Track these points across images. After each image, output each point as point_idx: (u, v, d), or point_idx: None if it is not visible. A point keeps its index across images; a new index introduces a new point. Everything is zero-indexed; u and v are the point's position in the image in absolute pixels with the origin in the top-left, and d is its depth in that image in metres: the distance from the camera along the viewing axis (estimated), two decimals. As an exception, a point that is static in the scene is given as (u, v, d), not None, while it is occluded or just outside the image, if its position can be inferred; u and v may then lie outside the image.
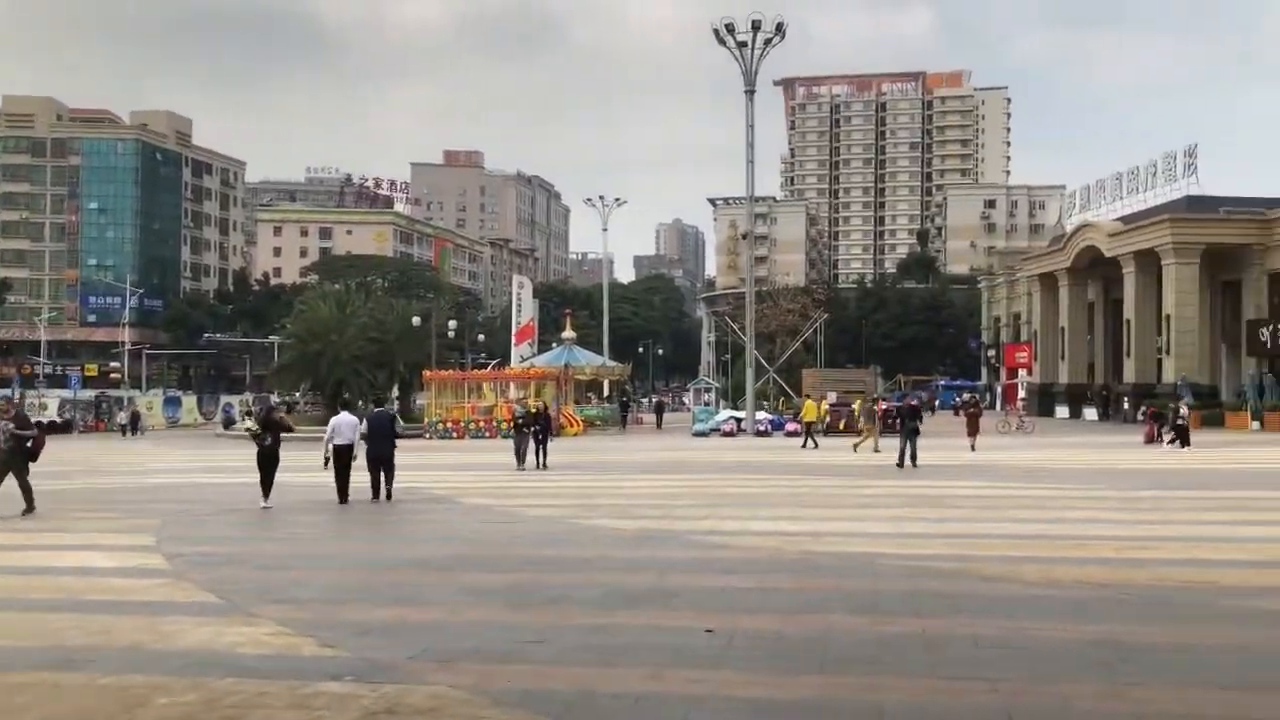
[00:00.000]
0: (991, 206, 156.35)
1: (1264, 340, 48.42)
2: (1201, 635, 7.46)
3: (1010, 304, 73.98)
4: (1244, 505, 15.55)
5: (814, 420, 34.96)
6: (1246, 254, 49.23)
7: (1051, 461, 25.98)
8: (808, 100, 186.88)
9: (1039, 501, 16.49)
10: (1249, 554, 10.97)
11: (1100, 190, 58.44)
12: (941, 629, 7.72)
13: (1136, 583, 9.43)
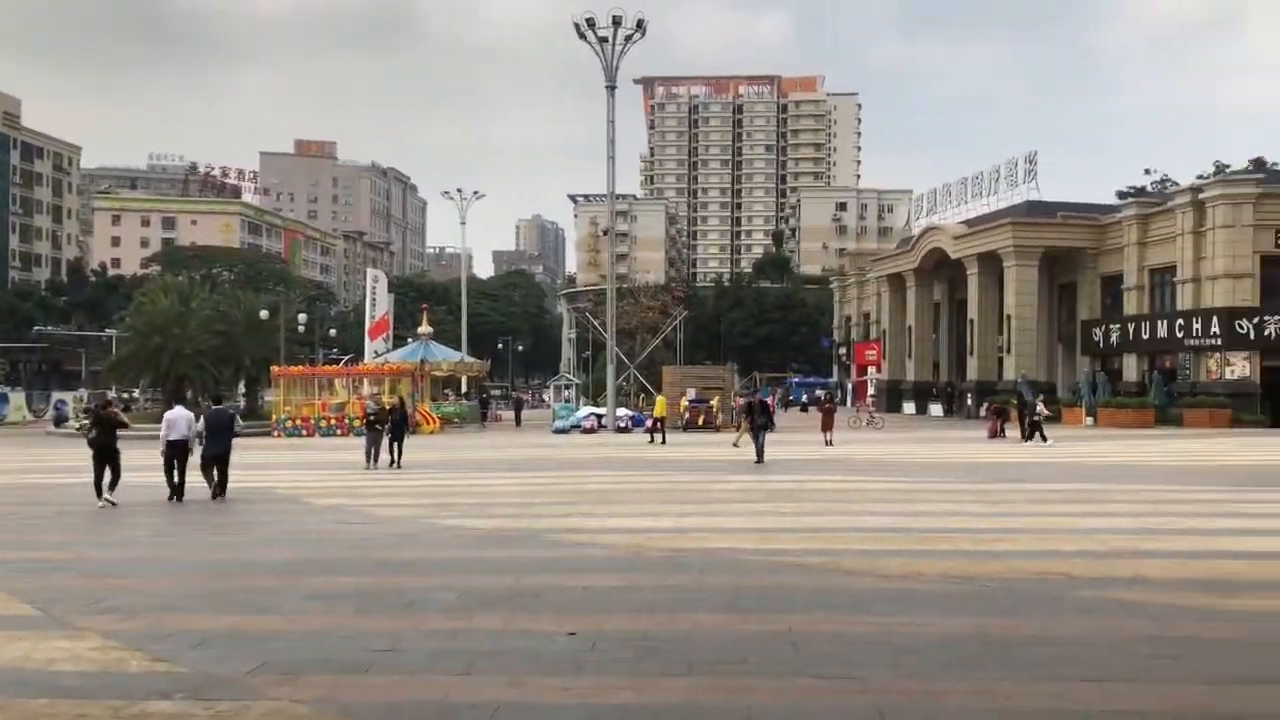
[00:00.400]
0: (843, 209, 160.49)
1: (1096, 340, 50.95)
2: (1060, 627, 7.51)
3: (861, 304, 75.99)
4: (1086, 497, 16.07)
5: (663, 416, 35.05)
6: (1081, 257, 51.67)
7: (904, 456, 26.59)
8: (667, 100, 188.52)
9: (895, 495, 16.73)
10: (1096, 544, 11.25)
11: (946, 194, 60.45)
12: (808, 626, 7.58)
13: (995, 574, 9.52)
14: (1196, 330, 43.57)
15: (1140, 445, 29.45)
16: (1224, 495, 16.17)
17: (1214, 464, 22.87)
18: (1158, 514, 13.74)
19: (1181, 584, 8.97)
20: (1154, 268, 47.37)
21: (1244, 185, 43.00)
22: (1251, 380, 42.40)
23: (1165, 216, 46.08)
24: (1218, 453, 26.12)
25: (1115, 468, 22.26)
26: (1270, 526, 12.42)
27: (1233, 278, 42.42)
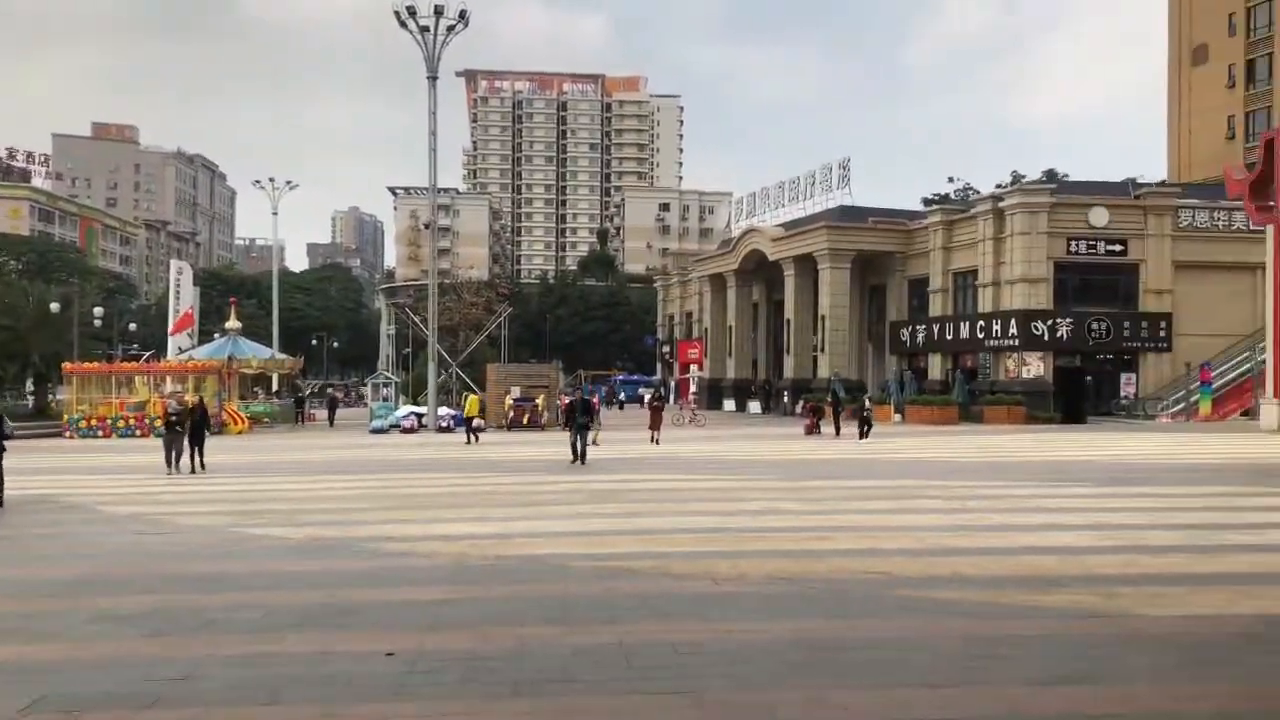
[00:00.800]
0: (666, 209, 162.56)
1: (904, 340, 53.09)
2: (887, 629, 7.53)
3: (683, 303, 77.00)
4: (901, 494, 16.51)
5: (475, 415, 34.44)
6: (891, 261, 53.74)
7: (726, 453, 26.90)
8: (490, 94, 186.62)
9: (720, 494, 16.79)
10: (914, 541, 11.48)
11: (765, 198, 61.82)
12: (639, 635, 7.35)
13: (819, 575, 9.55)
14: (996, 331, 45.89)
15: (946, 441, 30.72)
16: (1028, 490, 16.89)
17: (1015, 459, 24.00)
18: (969, 510, 14.19)
19: (998, 581, 9.19)
20: (957, 271, 49.65)
21: (1039, 195, 45.55)
22: (1045, 379, 44.95)
23: (968, 223, 48.37)
24: (1017, 448, 27.48)
25: (926, 464, 23.07)
26: (1072, 521, 12.98)
27: (1029, 282, 44.86)
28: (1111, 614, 7.88)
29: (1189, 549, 10.79)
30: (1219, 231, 45.13)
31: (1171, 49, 75.18)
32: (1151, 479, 18.58)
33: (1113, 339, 44.88)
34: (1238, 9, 69.20)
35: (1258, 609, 7.93)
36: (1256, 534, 11.76)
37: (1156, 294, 45.02)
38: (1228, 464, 22.09)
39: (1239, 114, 68.79)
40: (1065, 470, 20.80)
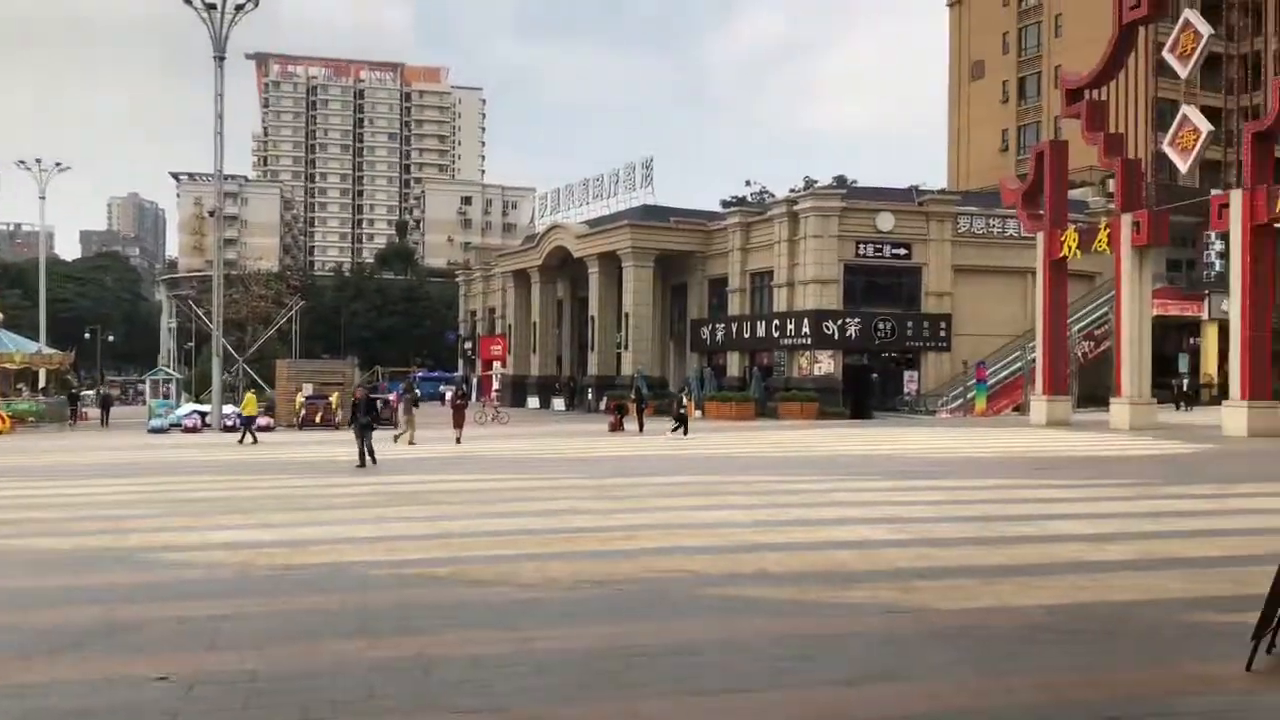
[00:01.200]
0: (468, 203, 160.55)
1: (704, 338, 54.13)
2: (696, 631, 7.42)
3: (486, 298, 76.10)
4: (704, 490, 16.64)
5: (254, 414, 32.87)
6: (692, 260, 54.67)
7: (531, 451, 26.58)
8: (283, 78, 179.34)
9: (524, 493, 16.48)
10: (719, 539, 11.50)
11: (569, 194, 61.78)
12: (440, 648, 6.97)
13: (628, 576, 9.39)
14: (790, 330, 47.37)
15: (745, 436, 31.40)
16: (825, 484, 17.34)
17: (810, 454, 24.70)
18: (770, 505, 14.40)
19: (802, 577, 9.27)
20: (755, 271, 50.98)
21: (831, 199, 47.28)
22: (835, 376, 46.72)
23: (765, 225, 49.73)
24: (811, 443, 28.33)
25: (727, 459, 23.44)
26: (868, 515, 13.34)
27: (821, 283, 46.50)
28: (911, 608, 8.04)
29: (977, 541, 11.23)
30: (994, 238, 48.00)
31: (952, 64, 79.64)
32: (937, 472, 19.44)
33: (897, 338, 47.06)
34: (1010, 29, 73.95)
35: (1044, 599, 8.26)
36: (1037, 525, 12.37)
37: (937, 296, 47.48)
38: (1005, 457, 23.41)
39: (1012, 127, 73.54)
40: (858, 464, 21.53)
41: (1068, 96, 36.08)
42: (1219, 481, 17.51)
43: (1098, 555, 10.28)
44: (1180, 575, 9.19)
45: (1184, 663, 6.41)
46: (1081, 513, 13.50)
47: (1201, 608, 7.91)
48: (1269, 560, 9.81)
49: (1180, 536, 11.44)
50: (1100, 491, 16.07)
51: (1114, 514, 13.42)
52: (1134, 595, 8.39)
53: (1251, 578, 9.01)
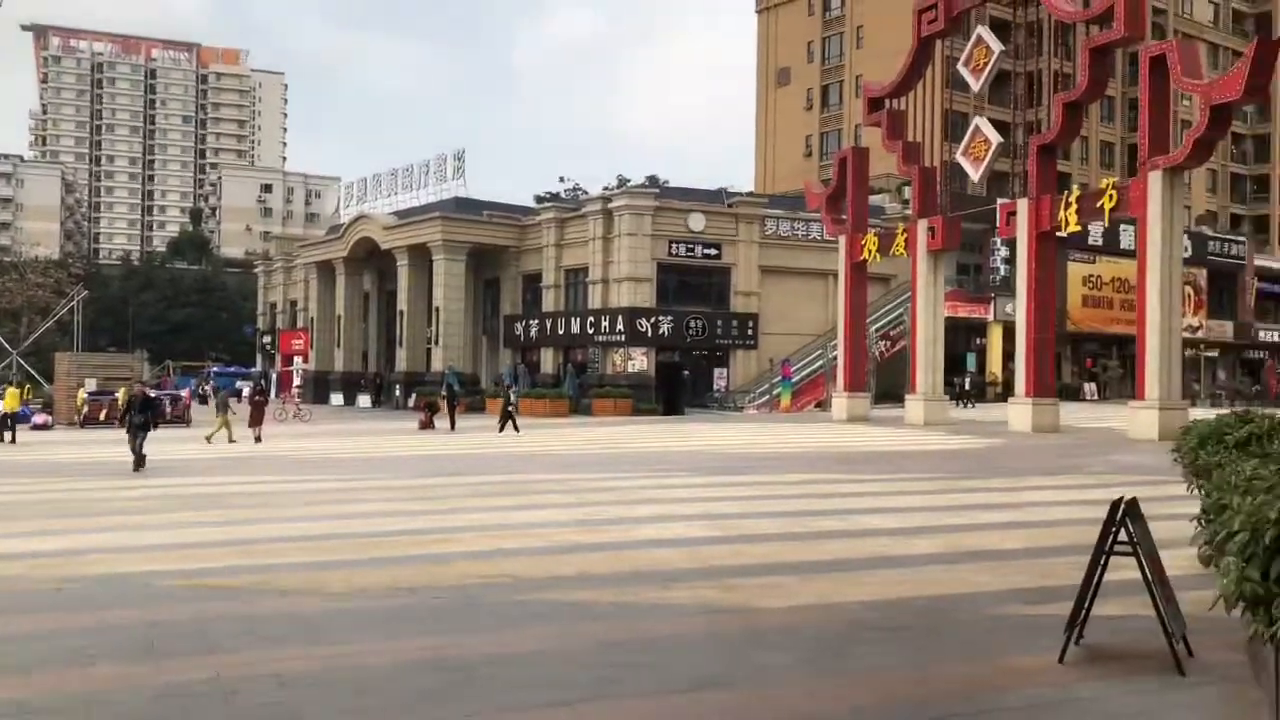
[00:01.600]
0: (268, 191, 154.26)
1: (518, 334, 53.62)
2: (520, 640, 7.12)
3: (288, 290, 73.16)
4: (522, 489, 16.30)
5: (14, 411, 30.51)
6: (506, 255, 54.05)
7: (337, 451, 25.58)
8: (65, 53, 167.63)
9: (331, 495, 15.73)
10: (538, 540, 11.21)
11: (377, 184, 60.06)
12: (241, 668, 6.41)
13: (445, 582, 8.98)
14: (605, 327, 47.47)
15: (560, 433, 31.17)
16: (641, 481, 17.28)
17: (626, 451, 24.69)
18: (588, 504, 14.20)
19: (624, 578, 9.08)
20: (569, 268, 50.85)
21: (645, 198, 47.62)
22: (648, 373, 47.12)
23: (580, 221, 49.65)
24: (626, 439, 28.37)
25: (543, 457, 23.15)
26: (685, 512, 13.32)
27: (635, 280, 46.79)
28: (734, 608, 7.97)
29: (791, 536, 11.34)
30: (799, 240, 49.47)
31: (760, 69, 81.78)
32: (749, 468, 19.73)
33: (708, 336, 47.87)
34: (815, 38, 76.51)
35: (863, 595, 8.35)
36: (847, 519, 12.62)
37: (745, 295, 48.55)
38: (812, 452, 24.01)
39: (815, 134, 76.11)
40: (672, 461, 21.63)
41: (869, 105, 37.46)
42: (1011, 475, 18.43)
43: (907, 549, 10.53)
44: (986, 568, 9.49)
45: (1002, 657, 6.54)
46: (888, 506, 13.90)
47: (1009, 600, 8.16)
48: (1065, 551, 10.30)
49: (982, 529, 11.89)
50: (903, 485, 16.63)
51: (918, 508, 13.86)
52: (946, 589, 8.59)
53: (1052, 569, 9.41)
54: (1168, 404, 26.57)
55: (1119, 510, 6.12)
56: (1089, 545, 10.67)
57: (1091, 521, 12.46)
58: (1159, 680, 5.91)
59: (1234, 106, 25.84)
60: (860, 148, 39.00)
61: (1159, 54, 27.06)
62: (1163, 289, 26.60)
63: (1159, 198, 26.56)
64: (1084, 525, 12.09)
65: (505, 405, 33.41)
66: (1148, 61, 27.28)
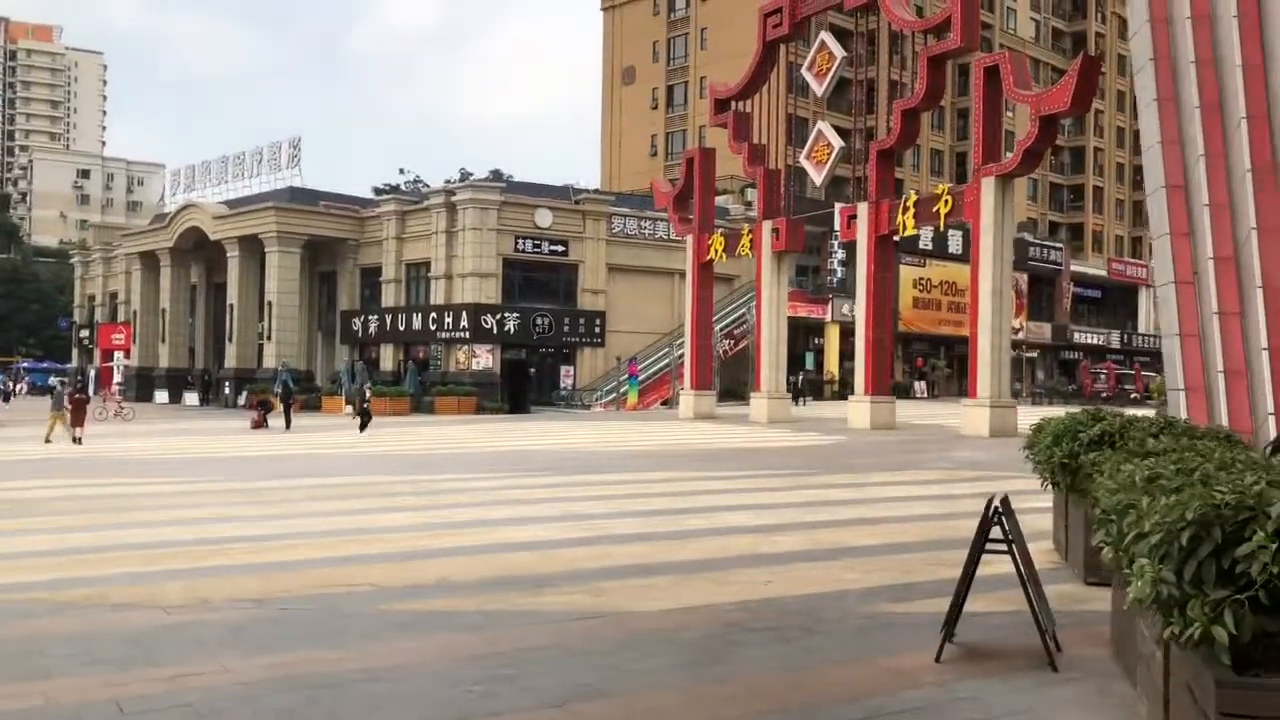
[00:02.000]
0: (86, 176, 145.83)
1: (356, 330, 52.13)
2: (384, 654, 6.69)
3: (108, 282, 69.21)
4: (369, 491, 15.69)
5: None
6: (343, 248, 52.47)
7: (164, 451, 24.20)
8: None
9: (162, 499, 14.75)
10: (392, 545, 10.73)
11: (206, 172, 57.49)
12: (73, 693, 5.81)
13: (293, 592, 8.44)
14: (448, 324, 46.62)
15: (403, 433, 30.34)
16: (494, 482, 16.88)
17: (474, 450, 24.19)
18: (441, 505, 13.75)
19: (488, 584, 8.73)
20: (411, 262, 49.74)
21: (490, 192, 46.98)
22: (494, 371, 46.52)
23: (422, 215, 48.62)
24: (473, 439, 27.83)
25: (388, 457, 22.42)
26: (544, 513, 13.02)
27: (479, 276, 46.11)
28: (606, 612, 7.74)
29: (655, 536, 11.19)
30: (646, 239, 49.73)
31: (605, 67, 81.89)
32: (605, 466, 19.55)
33: (554, 333, 47.60)
34: (660, 38, 77.07)
35: (734, 595, 8.24)
36: (708, 517, 12.57)
37: (593, 293, 48.50)
38: (664, 450, 24.04)
39: (661, 133, 76.68)
40: (525, 460, 21.28)
41: (715, 107, 37.87)
42: (858, 471, 18.83)
43: (771, 547, 10.52)
44: (850, 565, 9.55)
45: (879, 657, 6.51)
46: (747, 504, 13.93)
47: (877, 598, 8.18)
48: (921, 548, 10.49)
49: (840, 525, 12.02)
50: (759, 482, 16.74)
51: (775, 504, 13.94)
52: (815, 587, 8.57)
53: (911, 565, 9.53)
54: (998, 402, 27.72)
55: (993, 508, 6.16)
56: (943, 541, 10.94)
57: (941, 517, 12.82)
58: (1035, 677, 5.97)
59: (1062, 117, 27.14)
60: (707, 148, 39.39)
61: (992, 65, 28.20)
62: (994, 291, 27.73)
63: (991, 204, 27.67)
64: (935, 521, 12.42)
65: (361, 403, 32.39)
66: (982, 72, 28.39)
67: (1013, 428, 27.92)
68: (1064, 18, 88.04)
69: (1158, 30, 13.59)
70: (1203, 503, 3.33)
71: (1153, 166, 13.15)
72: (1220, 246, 11.70)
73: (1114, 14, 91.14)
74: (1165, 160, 12.89)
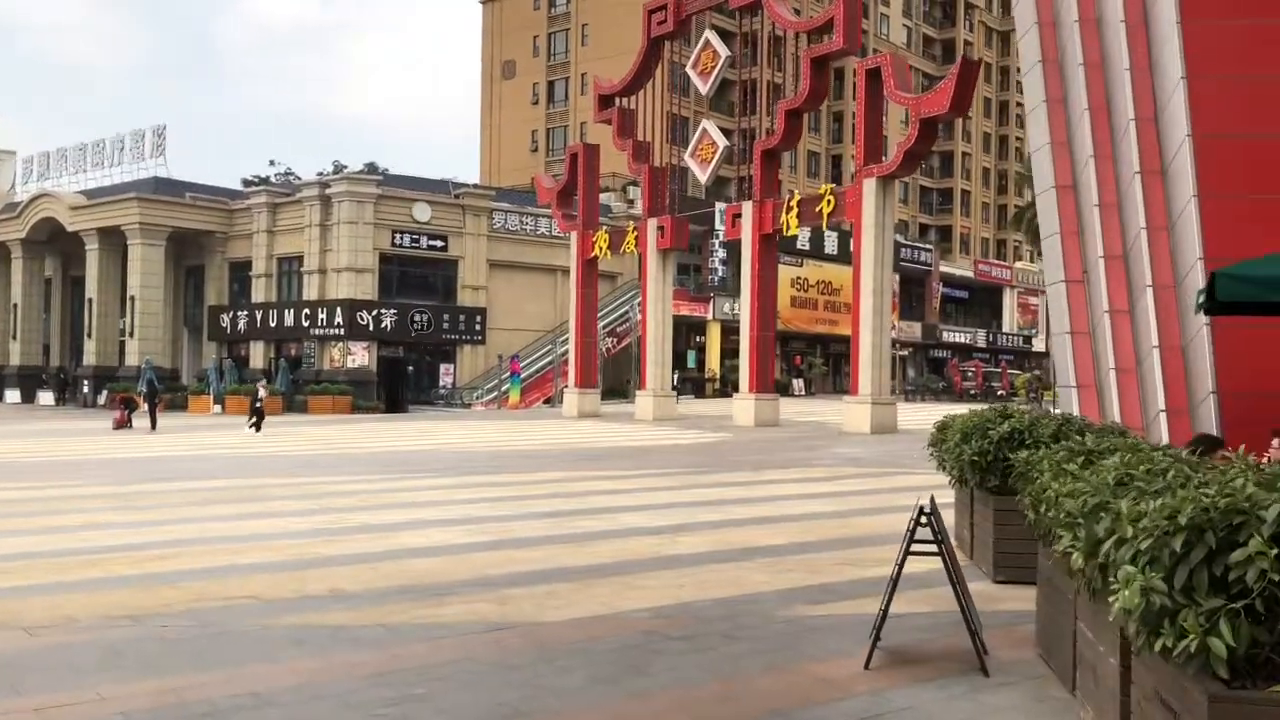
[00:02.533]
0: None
1: (224, 326, 50.18)
2: (277, 675, 6.16)
3: (-49, 274, 65.06)
4: (248, 495, 14.88)
5: None
6: (211, 241, 50.45)
7: (20, 454, 22.69)
8: None
9: (17, 506, 13.68)
10: (276, 553, 10.10)
11: (62, 160, 54.56)
12: (-78, 732, 5.17)
13: (175, 607, 7.80)
14: (322, 320, 45.23)
15: (276, 432, 29.20)
16: (381, 484, 16.22)
17: (355, 451, 23.36)
18: (327, 510, 13.09)
19: (383, 595, 8.24)
20: (283, 256, 48.13)
21: (367, 185, 45.72)
22: (370, 368, 45.32)
23: (295, 207, 47.05)
24: (352, 439, 26.92)
25: (264, 458, 21.44)
26: (439, 516, 12.52)
27: (355, 271, 44.87)
28: (515, 623, 7.35)
29: (557, 539, 10.83)
30: (527, 235, 49.15)
31: (485, 61, 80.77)
32: (495, 466, 19.06)
33: (433, 330, 46.64)
34: (541, 32, 76.39)
35: (647, 601, 7.95)
36: (608, 519, 12.26)
37: (473, 289, 47.70)
38: (553, 449, 23.63)
39: (541, 129, 76.00)
40: (410, 461, 20.61)
41: (600, 103, 37.58)
42: (750, 469, 18.78)
43: (676, 549, 10.28)
44: (759, 566, 9.36)
45: (805, 664, 6.29)
46: (646, 504, 13.67)
47: (792, 601, 8.00)
48: (826, 547, 10.39)
49: (743, 525, 11.85)
50: (654, 481, 16.50)
51: (673, 504, 13.72)
52: (728, 590, 8.34)
53: (820, 566, 9.40)
54: (879, 399, 28.16)
55: (919, 510, 6.02)
56: (846, 539, 10.88)
57: (838, 515, 12.80)
58: (966, 682, 5.84)
59: (941, 120, 27.69)
60: (591, 144, 39.05)
61: (874, 67, 28.62)
62: (875, 291, 28.13)
63: (873, 204, 28.07)
64: (833, 519, 12.39)
65: (253, 402, 31.06)
66: (864, 74, 28.79)
67: (892, 424, 28.44)
68: (934, 25, 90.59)
69: (1045, 33, 13.84)
70: (1194, 505, 3.16)
71: (1042, 167, 13.36)
72: (1110, 245, 11.93)
73: (981, 23, 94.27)
74: (1055, 161, 13.11)
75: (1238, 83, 11.02)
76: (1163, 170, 11.52)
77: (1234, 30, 11.25)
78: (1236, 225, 10.48)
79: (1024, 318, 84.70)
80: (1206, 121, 10.87)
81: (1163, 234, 11.22)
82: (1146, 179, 11.50)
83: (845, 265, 61.83)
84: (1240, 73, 11.07)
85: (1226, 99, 10.97)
